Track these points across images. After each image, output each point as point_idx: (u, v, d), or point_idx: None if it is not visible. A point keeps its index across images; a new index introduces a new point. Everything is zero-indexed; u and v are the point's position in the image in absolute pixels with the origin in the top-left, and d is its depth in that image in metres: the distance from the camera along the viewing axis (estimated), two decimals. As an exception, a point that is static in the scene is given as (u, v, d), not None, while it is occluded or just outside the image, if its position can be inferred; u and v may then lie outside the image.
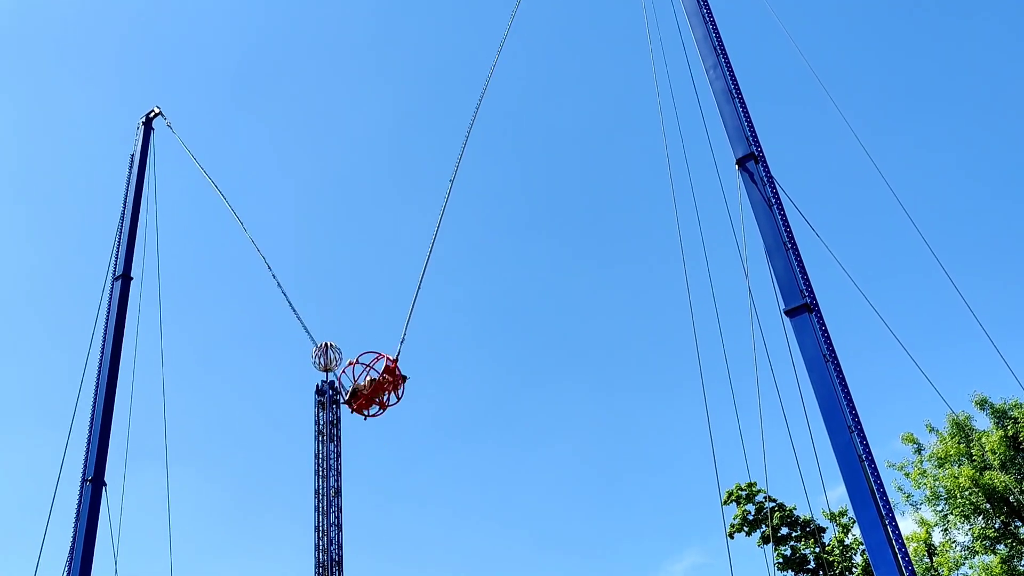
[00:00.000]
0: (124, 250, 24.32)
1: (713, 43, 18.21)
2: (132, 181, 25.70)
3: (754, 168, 16.60)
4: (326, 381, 35.71)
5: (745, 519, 34.01)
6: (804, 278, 15.36)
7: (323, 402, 33.87)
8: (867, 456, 13.79)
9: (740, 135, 17.04)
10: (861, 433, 13.97)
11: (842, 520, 33.22)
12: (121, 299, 23.50)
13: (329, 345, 37.45)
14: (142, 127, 26.76)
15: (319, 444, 31.72)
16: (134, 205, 25.28)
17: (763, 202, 16.14)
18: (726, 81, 17.66)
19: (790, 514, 34.06)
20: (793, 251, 15.59)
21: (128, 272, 24.00)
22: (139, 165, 26.06)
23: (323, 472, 31.03)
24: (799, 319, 15.16)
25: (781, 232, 15.79)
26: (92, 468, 21.09)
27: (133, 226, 24.81)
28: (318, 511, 27.62)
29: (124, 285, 23.74)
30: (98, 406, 22.04)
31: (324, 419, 33.01)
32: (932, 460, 29.81)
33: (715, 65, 17.94)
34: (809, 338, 14.94)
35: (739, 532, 33.89)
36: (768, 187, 16.30)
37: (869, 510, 13.48)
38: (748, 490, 34.16)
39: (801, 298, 15.21)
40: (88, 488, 20.88)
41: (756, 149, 16.77)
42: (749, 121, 17.15)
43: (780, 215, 16.00)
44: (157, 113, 26.97)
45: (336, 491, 30.87)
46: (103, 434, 21.59)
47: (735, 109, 17.35)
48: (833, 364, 14.60)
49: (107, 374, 22.42)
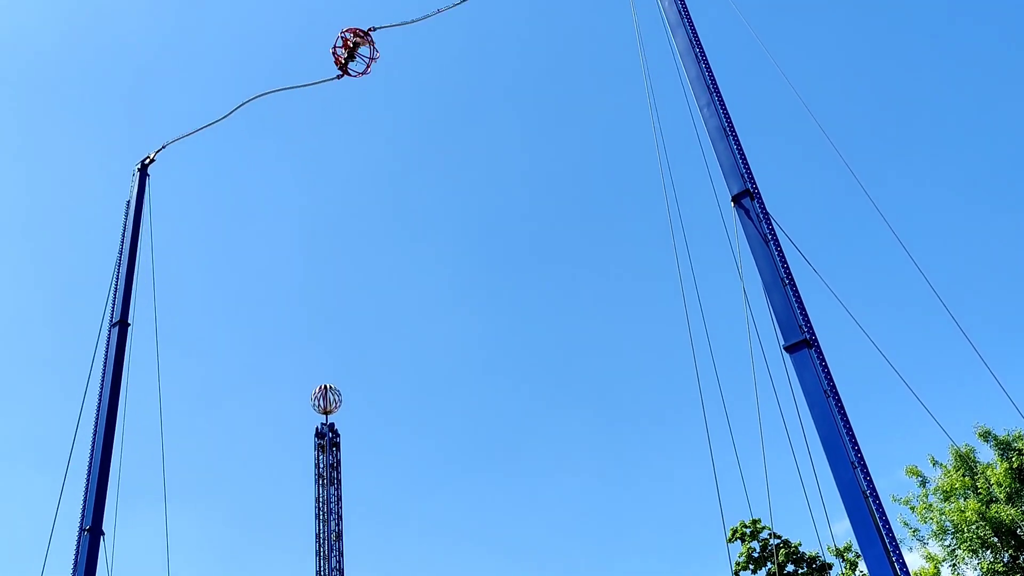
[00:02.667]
0: (121, 296, 24.25)
1: (706, 82, 18.33)
2: (128, 227, 25.66)
3: (750, 204, 16.63)
4: (326, 424, 35.57)
5: (750, 556, 33.62)
6: (803, 313, 15.33)
7: (323, 445, 33.64)
8: (871, 492, 13.66)
9: (735, 172, 17.10)
10: (864, 468, 13.86)
11: (848, 556, 32.87)
12: (119, 345, 23.37)
13: (329, 387, 37.32)
14: (137, 173, 26.79)
15: (319, 487, 31.47)
16: (131, 251, 25.24)
17: (759, 238, 16.15)
18: (720, 119, 17.75)
19: (795, 550, 33.67)
20: (791, 287, 15.57)
21: (125, 318, 23.92)
22: (135, 211, 26.07)
23: (324, 516, 30.71)
24: (799, 355, 15.10)
25: (778, 268, 15.78)
26: (90, 517, 20.85)
27: (130, 272, 24.74)
28: (319, 556, 27.32)
29: (122, 331, 23.63)
30: (96, 453, 21.82)
31: (324, 462, 32.77)
32: (937, 494, 29.55)
33: (709, 103, 18.05)
34: (809, 373, 14.87)
35: (744, 570, 33.50)
36: (764, 223, 16.32)
37: (875, 547, 13.33)
38: (753, 527, 33.80)
39: (800, 334, 15.16)
40: (86, 538, 20.63)
41: (751, 185, 16.82)
42: (743, 157, 17.21)
43: (777, 251, 16.00)
44: (152, 159, 27.02)
45: (337, 535, 30.56)
46: (101, 482, 21.35)
47: (729, 146, 17.42)
48: (834, 399, 14.52)
49: (105, 420, 22.22)
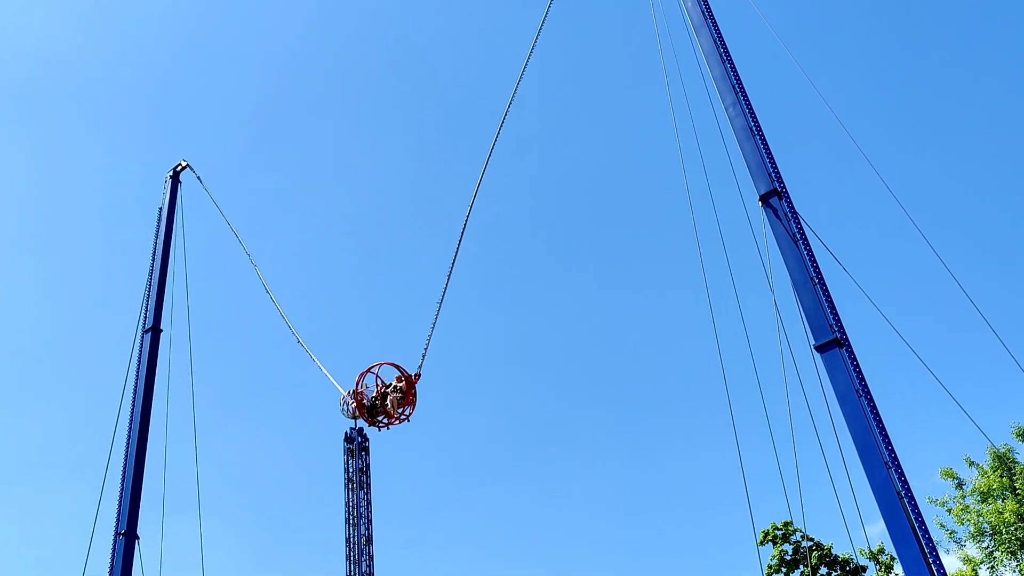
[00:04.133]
0: (154, 303, 24.51)
1: (731, 81, 18.26)
2: (161, 234, 25.91)
3: (778, 204, 16.53)
4: (355, 428, 35.70)
5: (782, 559, 33.26)
6: (833, 313, 15.19)
7: (352, 449, 33.77)
8: (906, 492, 13.50)
9: (762, 171, 16.99)
10: (899, 469, 13.70)
11: (883, 558, 32.44)
12: (151, 351, 23.65)
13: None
14: (169, 180, 27.03)
15: (349, 492, 31.56)
16: (163, 256, 25.48)
17: (788, 238, 16.04)
18: (746, 118, 17.66)
19: (828, 553, 33.28)
20: (821, 286, 15.45)
21: (158, 324, 24.19)
22: (167, 217, 26.29)
23: (353, 520, 30.83)
24: (830, 354, 14.98)
25: (808, 267, 15.66)
26: (125, 522, 21.12)
27: (162, 278, 25.02)
28: (349, 560, 27.40)
29: (154, 337, 23.90)
30: (130, 458, 22.12)
31: (353, 467, 32.89)
32: (974, 495, 29.11)
33: (734, 103, 17.97)
34: (841, 373, 14.73)
35: (776, 573, 33.17)
36: (793, 222, 16.20)
37: (911, 548, 13.18)
38: (784, 529, 33.46)
39: (831, 333, 15.03)
40: (121, 542, 20.89)
41: (779, 185, 16.71)
42: (771, 157, 17.10)
43: (806, 250, 15.88)
44: (184, 166, 27.21)
45: (367, 539, 30.63)
46: (135, 487, 21.66)
47: (756, 146, 17.32)
48: (866, 399, 14.37)
49: (139, 425, 22.53)
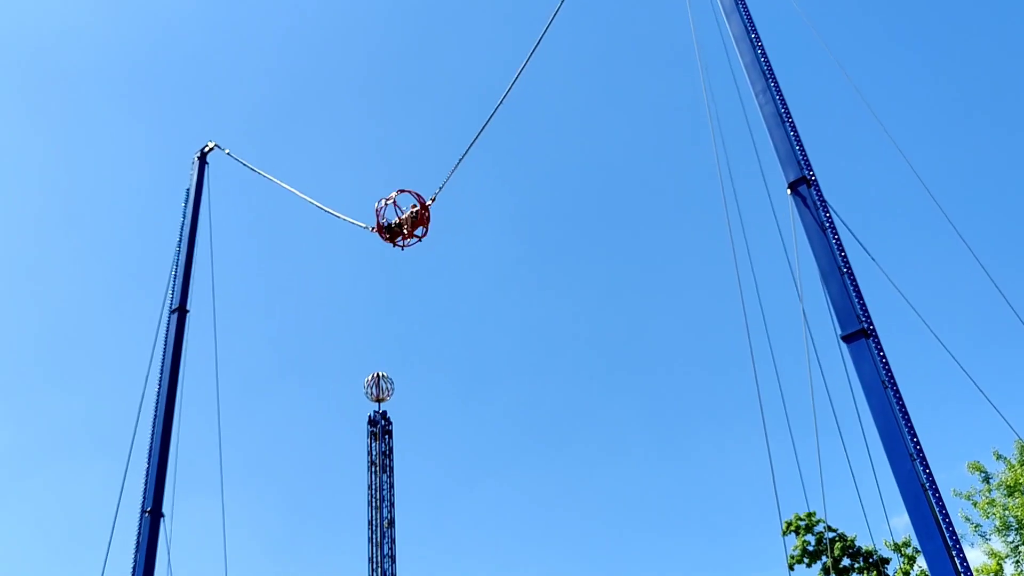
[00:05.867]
0: (181, 283, 24.71)
1: (762, 67, 18.04)
2: (188, 215, 26.08)
3: (806, 192, 16.34)
4: (379, 412, 35.95)
5: (805, 550, 33.19)
6: (861, 303, 15.03)
7: (375, 433, 33.97)
8: (931, 485, 13.36)
9: (792, 159, 16.80)
10: (924, 461, 13.55)
11: (906, 551, 32.24)
12: (178, 332, 23.85)
13: (381, 376, 37.71)
14: (197, 161, 27.16)
15: (372, 475, 31.81)
16: (190, 238, 25.66)
17: (816, 226, 15.86)
18: (776, 105, 17.45)
19: (851, 544, 33.14)
20: (849, 276, 15.28)
21: (184, 305, 24.39)
22: (195, 198, 26.46)
23: (376, 503, 31.04)
24: (856, 345, 14.81)
25: (836, 257, 15.49)
26: (151, 499, 21.36)
27: (188, 259, 25.20)
28: (372, 542, 27.63)
29: (180, 318, 24.10)
30: (155, 437, 22.35)
31: (377, 450, 33.08)
32: (1001, 488, 28.83)
33: (764, 89, 17.76)
34: (867, 364, 14.58)
35: (799, 564, 33.10)
36: (821, 211, 16.02)
37: (935, 541, 13.04)
38: (807, 520, 33.38)
39: (858, 323, 14.87)
40: (147, 519, 21.14)
41: (808, 173, 16.52)
42: (800, 144, 16.90)
43: (835, 239, 15.71)
44: (212, 147, 27.31)
45: (390, 522, 30.89)
46: (161, 465, 21.88)
47: (786, 133, 17.11)
48: (892, 390, 14.22)
49: (164, 405, 22.75)
